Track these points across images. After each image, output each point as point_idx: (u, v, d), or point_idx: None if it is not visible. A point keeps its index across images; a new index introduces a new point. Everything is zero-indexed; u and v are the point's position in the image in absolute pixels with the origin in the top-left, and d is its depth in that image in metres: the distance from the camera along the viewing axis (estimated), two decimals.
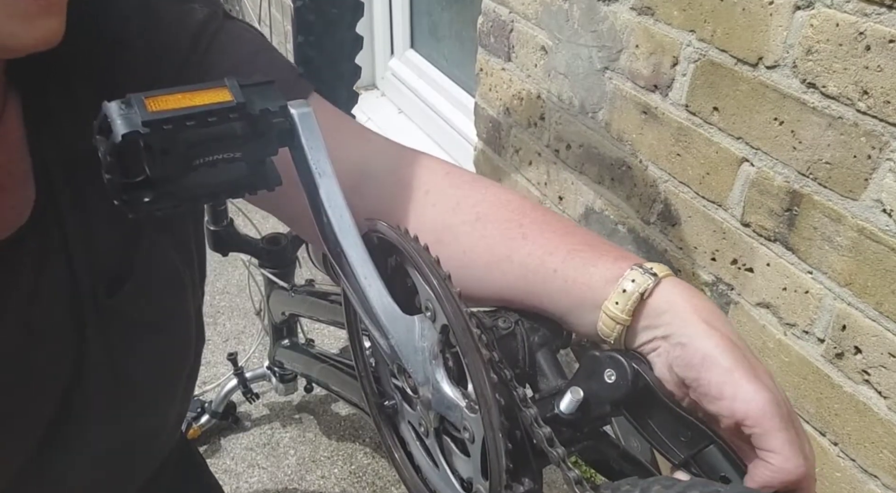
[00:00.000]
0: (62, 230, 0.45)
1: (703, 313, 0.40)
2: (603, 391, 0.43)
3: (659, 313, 0.41)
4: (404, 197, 0.51)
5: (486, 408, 0.40)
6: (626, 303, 0.41)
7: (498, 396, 0.40)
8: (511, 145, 1.39)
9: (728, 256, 0.94)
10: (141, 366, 0.53)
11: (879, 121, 0.71)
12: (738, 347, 0.38)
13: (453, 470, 0.49)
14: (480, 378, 0.40)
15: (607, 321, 0.42)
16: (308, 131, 0.42)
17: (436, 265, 0.44)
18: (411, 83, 2.15)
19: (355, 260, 0.44)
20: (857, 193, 0.75)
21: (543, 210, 0.50)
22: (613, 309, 0.42)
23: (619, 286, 0.41)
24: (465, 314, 0.42)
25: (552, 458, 0.43)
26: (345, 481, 1.29)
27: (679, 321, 0.40)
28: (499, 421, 0.39)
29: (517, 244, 0.47)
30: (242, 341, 1.59)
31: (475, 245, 0.48)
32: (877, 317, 0.76)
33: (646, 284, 0.41)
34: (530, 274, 0.46)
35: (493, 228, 0.48)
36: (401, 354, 0.45)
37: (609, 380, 0.44)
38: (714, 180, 0.93)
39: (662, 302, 0.41)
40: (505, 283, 0.47)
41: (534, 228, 0.47)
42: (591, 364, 0.44)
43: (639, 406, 0.44)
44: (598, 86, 1.09)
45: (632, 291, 0.41)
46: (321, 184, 0.43)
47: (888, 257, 0.73)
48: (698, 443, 0.40)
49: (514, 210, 0.49)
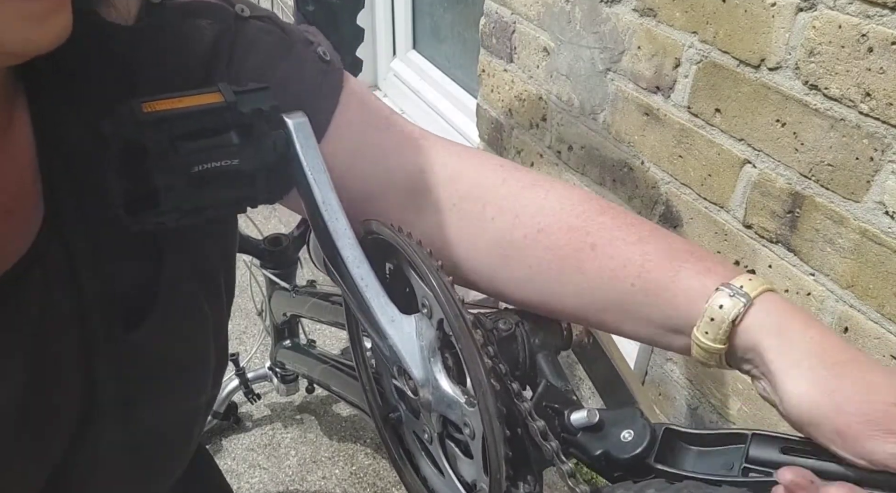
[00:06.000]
0: (70, 259, 0.40)
1: (794, 352, 0.35)
2: (611, 445, 0.43)
3: (752, 344, 0.37)
4: (462, 214, 0.47)
5: (482, 391, 0.40)
6: (717, 332, 0.37)
7: (494, 381, 0.40)
8: (513, 147, 1.39)
9: (730, 257, 0.93)
10: (157, 410, 0.47)
11: (882, 123, 0.71)
12: (841, 397, 0.33)
13: (458, 476, 0.49)
14: (475, 362, 0.40)
15: (700, 352, 0.39)
16: (303, 139, 0.43)
17: (428, 257, 0.44)
18: (413, 84, 2.16)
19: (352, 262, 0.44)
20: (860, 195, 0.75)
21: (611, 212, 0.45)
22: (704, 340, 0.38)
23: (706, 314, 0.38)
24: (458, 302, 0.42)
25: (545, 451, 0.44)
26: (346, 481, 1.29)
27: (771, 366, 0.36)
28: (494, 406, 0.39)
29: (586, 256, 0.44)
30: (244, 342, 1.60)
31: (541, 259, 0.45)
32: (879, 319, 0.76)
33: (736, 309, 0.37)
34: (606, 287, 0.43)
35: (558, 239, 0.45)
36: (399, 354, 0.45)
37: (623, 438, 0.43)
38: (716, 182, 0.93)
39: (754, 333, 0.37)
40: (582, 297, 0.45)
41: (602, 236, 0.44)
42: (622, 415, 0.44)
43: (637, 474, 0.43)
44: (600, 87, 1.09)
45: (720, 319, 0.37)
46: (316, 190, 0.43)
47: (890, 259, 0.73)
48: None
49: (579, 216, 0.45)
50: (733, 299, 0.37)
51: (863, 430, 0.33)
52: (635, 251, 0.42)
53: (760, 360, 0.37)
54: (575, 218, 0.45)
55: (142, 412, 0.45)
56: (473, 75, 1.46)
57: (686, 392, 1.06)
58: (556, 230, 0.45)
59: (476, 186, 0.47)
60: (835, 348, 0.35)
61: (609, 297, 0.44)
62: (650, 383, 1.14)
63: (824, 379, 0.34)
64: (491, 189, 0.47)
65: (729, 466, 0.39)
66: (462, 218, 0.47)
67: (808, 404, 0.34)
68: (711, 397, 1.02)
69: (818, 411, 0.34)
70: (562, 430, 0.47)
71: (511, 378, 0.46)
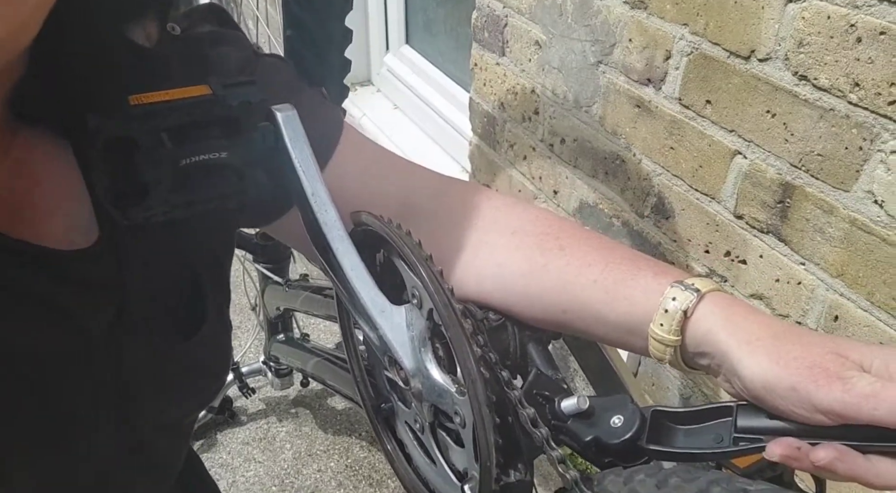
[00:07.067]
0: (119, 268, 0.41)
1: (743, 332, 0.38)
2: (602, 431, 0.44)
3: (703, 333, 0.40)
4: (444, 222, 0.51)
5: (471, 379, 0.40)
6: (671, 323, 0.40)
7: (483, 370, 0.40)
8: (506, 140, 1.39)
9: (721, 248, 0.94)
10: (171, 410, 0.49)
11: (871, 113, 0.71)
12: (786, 355, 0.36)
13: (450, 465, 0.49)
14: (464, 351, 0.40)
15: (656, 345, 0.41)
16: (292, 132, 0.43)
17: (417, 247, 0.45)
18: (406, 79, 2.15)
19: (342, 253, 0.44)
20: (849, 184, 0.75)
21: (582, 228, 0.50)
22: (659, 332, 0.41)
23: (661, 306, 0.40)
24: (447, 291, 0.42)
25: (535, 438, 0.44)
26: (341, 474, 1.29)
27: (723, 348, 0.38)
28: (484, 394, 0.40)
29: (554, 255, 0.47)
30: (238, 336, 1.60)
31: (511, 256, 0.48)
32: (869, 307, 0.76)
33: (687, 301, 0.40)
34: (569, 284, 0.46)
35: (530, 240, 0.48)
36: (390, 345, 0.45)
37: (613, 424, 0.44)
38: (707, 173, 0.93)
39: (703, 323, 0.40)
40: (545, 296, 0.47)
41: (571, 242, 0.47)
42: (612, 401, 0.45)
43: (627, 459, 0.43)
44: (592, 80, 1.09)
45: (674, 310, 0.40)
46: (306, 181, 0.43)
47: (879, 247, 0.74)
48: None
49: (552, 225, 0.49)
50: (685, 293, 0.40)
51: (809, 378, 0.35)
52: (600, 254, 0.46)
53: (714, 348, 0.39)
54: (547, 226, 0.49)
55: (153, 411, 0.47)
56: (466, 69, 1.46)
57: (679, 382, 1.07)
58: (529, 233, 0.49)
59: (460, 202, 0.52)
60: (777, 325, 0.38)
61: (572, 295, 0.46)
62: (644, 374, 1.14)
63: (772, 347, 0.36)
64: (476, 201, 0.51)
65: (719, 439, 0.40)
66: (444, 227, 0.51)
67: (761, 371, 0.36)
68: (703, 387, 1.03)
69: (771, 374, 0.36)
70: (552, 417, 0.47)
71: (501, 367, 0.47)
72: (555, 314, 0.48)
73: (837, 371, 0.35)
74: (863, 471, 0.34)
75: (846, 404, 0.34)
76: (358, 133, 0.53)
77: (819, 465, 0.35)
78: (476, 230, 0.50)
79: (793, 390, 0.35)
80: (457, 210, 0.52)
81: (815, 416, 0.35)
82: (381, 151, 0.54)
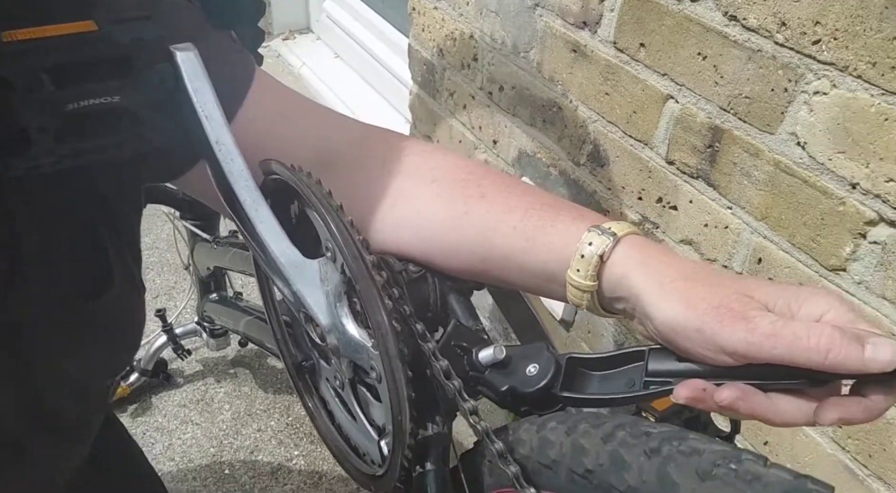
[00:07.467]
0: (9, 227, 0.39)
1: (656, 275, 0.38)
2: (517, 380, 0.43)
3: (618, 277, 0.39)
4: (363, 171, 0.49)
5: (381, 332, 0.38)
6: (588, 268, 0.39)
7: (395, 322, 0.39)
8: (445, 89, 1.35)
9: (654, 194, 0.94)
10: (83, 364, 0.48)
11: (796, 53, 0.71)
12: (694, 296, 0.36)
13: (370, 421, 0.48)
14: (374, 304, 0.39)
15: (574, 291, 0.41)
16: (193, 74, 0.39)
17: (327, 196, 0.42)
18: (347, 26, 2.07)
19: (250, 205, 0.41)
20: (774, 126, 0.75)
21: (504, 174, 0.49)
22: (576, 278, 0.40)
23: (577, 252, 0.40)
24: (357, 242, 0.40)
25: (448, 390, 0.43)
26: (282, 433, 1.28)
27: (636, 291, 0.38)
28: (395, 347, 0.38)
29: (475, 202, 0.45)
30: (173, 297, 1.55)
31: (431, 203, 0.47)
32: (790, 249, 0.78)
33: (604, 245, 0.39)
34: (489, 232, 0.44)
35: (450, 187, 0.47)
36: (304, 300, 0.43)
37: (529, 372, 0.43)
38: (640, 119, 0.92)
39: (619, 267, 0.39)
40: (465, 244, 0.46)
41: (492, 189, 0.46)
42: (529, 350, 0.44)
43: (542, 407, 0.43)
44: (529, 24, 1.06)
45: (590, 255, 0.39)
46: (209, 128, 0.40)
47: (801, 189, 0.74)
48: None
49: (473, 172, 0.47)
50: (602, 237, 0.39)
51: (715, 318, 0.34)
52: (521, 201, 0.45)
53: (629, 291, 0.39)
54: (468, 173, 0.47)
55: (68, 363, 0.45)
56: (406, 15, 1.40)
57: (613, 329, 1.08)
58: (449, 180, 0.47)
59: (378, 149, 0.50)
60: (689, 266, 0.38)
61: (492, 243, 0.45)
62: (580, 322, 1.15)
63: (682, 289, 0.36)
64: (396, 149, 0.49)
65: (631, 384, 0.40)
66: (363, 174, 0.49)
67: (670, 313, 0.36)
68: (637, 333, 1.05)
69: (681, 316, 0.35)
70: (470, 368, 0.46)
71: (416, 319, 0.45)
72: (475, 263, 0.47)
73: (742, 311, 0.34)
74: (763, 409, 0.35)
75: (749, 343, 0.33)
76: (272, 79, 0.50)
77: (722, 405, 0.35)
78: (395, 179, 0.48)
79: (699, 331, 0.35)
80: (375, 159, 0.49)
81: (720, 356, 0.35)
82: (296, 98, 0.51)
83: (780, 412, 0.35)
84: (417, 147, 0.50)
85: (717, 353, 0.35)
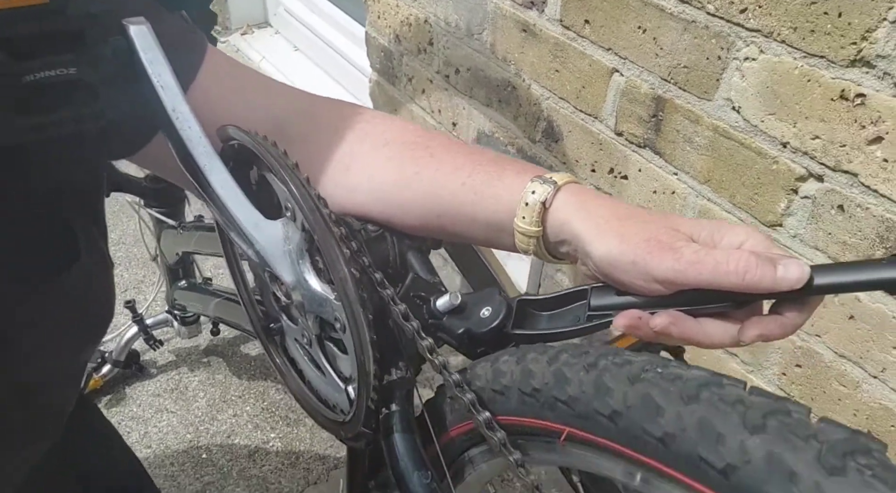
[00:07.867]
0: None
1: (594, 217, 0.41)
2: (472, 323, 0.46)
3: (560, 222, 0.42)
4: (317, 139, 0.51)
5: (339, 277, 0.41)
6: (532, 215, 0.43)
7: (353, 270, 0.41)
8: (404, 74, 1.37)
9: (605, 166, 0.98)
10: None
11: (726, 22, 0.75)
12: (627, 232, 0.39)
13: (338, 373, 0.51)
14: (331, 252, 0.41)
15: (521, 238, 0.44)
16: (146, 46, 0.41)
17: (283, 156, 0.45)
18: (305, 19, 2.07)
19: (209, 170, 0.43)
20: (711, 93, 0.80)
21: (450, 137, 0.52)
22: (522, 224, 0.43)
23: (522, 199, 0.43)
24: (314, 197, 0.43)
25: (406, 331, 0.46)
26: (258, 417, 1.29)
27: (577, 232, 0.41)
28: (355, 292, 0.41)
29: (425, 162, 0.48)
30: (143, 291, 1.54)
31: (383, 166, 0.49)
32: (731, 209, 0.83)
33: (545, 193, 0.42)
34: (440, 189, 0.47)
35: (400, 150, 0.49)
36: (268, 259, 0.45)
37: (483, 315, 0.47)
38: (589, 93, 0.96)
39: (560, 212, 0.42)
40: (418, 202, 0.49)
41: (440, 149, 0.49)
42: (483, 295, 0.47)
43: (497, 346, 0.46)
44: (480, 6, 1.09)
45: (533, 202, 0.42)
46: (165, 97, 0.42)
47: (738, 151, 0.79)
48: None
49: (421, 135, 0.50)
50: (544, 186, 0.43)
51: (646, 250, 0.38)
52: (468, 159, 0.48)
53: (570, 234, 0.42)
54: (417, 136, 0.50)
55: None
56: (362, 4, 1.42)
57: None
58: (399, 143, 0.50)
59: (329, 118, 0.52)
60: (623, 208, 0.42)
61: (444, 200, 0.47)
62: (545, 280, 1.20)
63: (617, 228, 0.40)
64: (347, 117, 0.52)
65: (577, 319, 0.43)
66: (314, 143, 0.51)
67: (606, 250, 0.39)
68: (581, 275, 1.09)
69: (616, 251, 0.39)
70: (429, 316, 0.50)
71: (374, 269, 0.48)
72: (430, 220, 0.49)
73: (669, 242, 0.38)
74: (693, 333, 0.38)
75: (676, 271, 0.37)
76: (223, 55, 0.52)
77: (656, 331, 0.38)
78: (348, 144, 0.51)
79: (633, 263, 0.38)
80: (328, 127, 0.52)
81: (653, 286, 0.38)
82: (248, 72, 0.53)
83: (709, 334, 0.38)
84: (367, 114, 0.53)
85: (650, 282, 0.38)
